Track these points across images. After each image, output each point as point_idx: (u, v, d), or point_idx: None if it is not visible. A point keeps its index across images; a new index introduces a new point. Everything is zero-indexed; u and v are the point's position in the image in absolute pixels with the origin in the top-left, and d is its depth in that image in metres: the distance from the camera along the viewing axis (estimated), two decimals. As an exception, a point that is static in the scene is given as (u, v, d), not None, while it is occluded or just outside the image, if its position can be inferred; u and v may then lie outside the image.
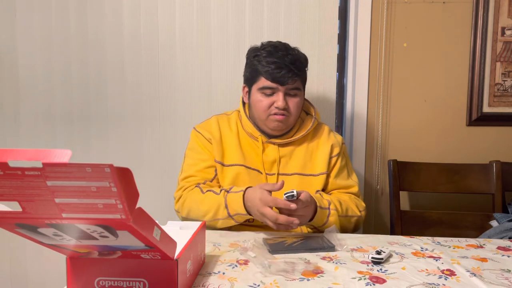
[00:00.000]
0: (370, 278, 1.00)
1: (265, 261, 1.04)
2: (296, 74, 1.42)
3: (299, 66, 1.43)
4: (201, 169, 1.47)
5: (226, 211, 1.32)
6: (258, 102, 1.44)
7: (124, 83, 1.96)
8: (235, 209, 1.30)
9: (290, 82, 1.41)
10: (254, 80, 1.45)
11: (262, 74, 1.42)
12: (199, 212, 1.37)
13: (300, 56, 1.47)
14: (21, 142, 2.01)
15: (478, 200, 1.89)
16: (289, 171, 1.47)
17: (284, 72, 1.39)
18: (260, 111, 1.44)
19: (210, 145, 1.47)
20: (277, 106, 1.41)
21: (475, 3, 1.86)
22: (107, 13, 1.93)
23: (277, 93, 1.42)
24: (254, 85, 1.46)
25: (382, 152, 1.95)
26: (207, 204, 1.35)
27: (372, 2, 1.86)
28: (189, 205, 1.40)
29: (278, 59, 1.40)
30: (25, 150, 0.62)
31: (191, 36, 1.93)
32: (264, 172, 1.46)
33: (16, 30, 1.96)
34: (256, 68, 1.44)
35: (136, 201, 0.68)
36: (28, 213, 0.68)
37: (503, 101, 1.90)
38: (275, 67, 1.39)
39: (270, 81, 1.41)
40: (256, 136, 1.49)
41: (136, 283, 0.85)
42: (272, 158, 1.47)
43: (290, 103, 1.43)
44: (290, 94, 1.43)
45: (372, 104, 1.92)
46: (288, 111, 1.43)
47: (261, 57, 1.43)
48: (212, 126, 1.51)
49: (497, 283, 0.99)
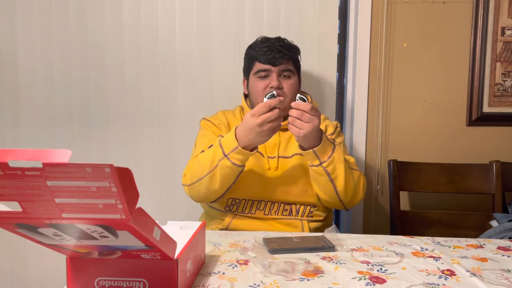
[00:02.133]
0: (370, 278, 1.00)
1: (265, 261, 1.04)
2: (287, 56, 1.51)
3: (289, 49, 1.53)
4: None
5: (221, 152, 1.35)
6: (255, 86, 1.53)
7: (124, 83, 1.97)
8: (229, 145, 1.34)
9: (283, 63, 1.50)
10: (251, 67, 1.55)
11: (256, 59, 1.52)
12: (199, 167, 1.39)
13: (292, 44, 1.57)
14: (21, 142, 2.01)
15: (478, 200, 1.89)
16: (289, 153, 1.51)
17: (274, 53, 1.49)
18: (257, 94, 1.52)
19: (219, 129, 1.55)
20: (271, 85, 1.48)
21: (475, 3, 1.86)
22: (107, 13, 1.93)
23: (271, 75, 1.50)
24: (250, 73, 1.55)
25: (382, 152, 1.95)
26: (205, 155, 1.40)
27: (372, 2, 1.86)
28: (192, 168, 1.44)
29: (269, 44, 1.52)
30: (25, 150, 0.62)
31: (191, 36, 1.93)
32: (266, 155, 1.51)
33: (16, 30, 1.96)
34: (250, 55, 1.56)
35: (136, 201, 0.68)
36: (28, 213, 0.68)
37: (503, 101, 1.90)
38: (266, 50, 1.50)
39: (263, 63, 1.50)
40: None
41: (136, 283, 0.85)
42: (273, 142, 1.50)
43: (284, 84, 1.50)
44: (283, 76, 1.51)
45: (372, 104, 1.92)
46: (283, 91, 1.49)
47: (256, 46, 1.55)
48: (220, 116, 1.61)
49: (497, 283, 0.99)
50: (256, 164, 1.48)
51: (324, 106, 1.93)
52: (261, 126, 1.29)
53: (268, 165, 1.50)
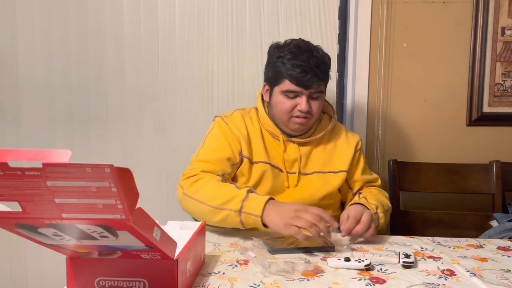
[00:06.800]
0: (370, 278, 1.00)
1: (265, 261, 1.04)
2: (321, 79, 1.40)
3: (323, 69, 1.41)
4: (219, 158, 1.41)
5: (239, 205, 1.21)
6: (280, 103, 1.42)
7: (124, 83, 1.97)
8: (251, 206, 1.21)
9: (315, 86, 1.39)
10: (277, 81, 1.42)
11: (287, 77, 1.38)
12: (209, 193, 1.28)
13: (325, 58, 1.43)
14: (21, 142, 2.01)
15: (478, 200, 1.89)
16: (309, 170, 1.47)
17: (309, 77, 1.36)
18: (282, 112, 1.42)
19: (236, 141, 1.44)
20: (301, 109, 1.39)
21: (475, 3, 1.86)
22: (107, 13, 1.93)
23: (300, 97, 1.40)
24: (276, 87, 1.43)
25: (382, 152, 1.95)
26: (222, 190, 1.28)
27: (372, 2, 1.86)
28: (202, 184, 1.32)
29: (303, 62, 1.36)
30: (25, 150, 0.62)
31: (191, 36, 1.93)
32: (285, 171, 1.45)
33: (16, 30, 1.96)
34: (279, 70, 1.40)
35: (136, 201, 0.68)
36: (28, 213, 0.68)
37: (503, 101, 1.90)
38: (300, 71, 1.36)
39: (295, 85, 1.38)
40: (277, 135, 1.47)
41: (136, 283, 0.85)
42: (293, 157, 1.46)
43: (313, 106, 1.41)
44: (313, 97, 1.42)
45: (372, 104, 1.92)
46: (311, 113, 1.42)
47: (285, 58, 1.39)
48: (238, 122, 1.47)
49: (497, 283, 0.99)
50: (275, 181, 1.42)
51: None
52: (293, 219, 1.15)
53: (287, 183, 1.45)
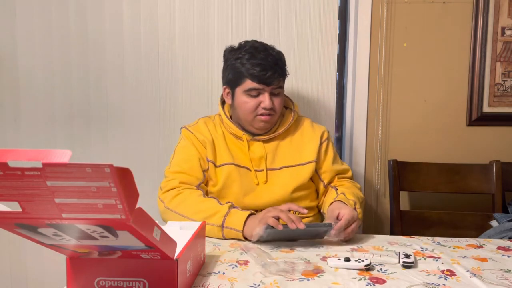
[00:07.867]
0: (370, 278, 1.00)
1: (265, 261, 1.04)
2: (280, 75, 1.47)
3: (281, 66, 1.48)
4: (191, 166, 1.46)
5: (221, 220, 1.27)
6: (244, 103, 1.47)
7: (124, 83, 1.97)
8: (232, 222, 1.26)
9: (275, 82, 1.45)
10: (239, 82, 1.47)
11: (248, 77, 1.44)
12: (192, 208, 1.33)
13: (281, 55, 1.51)
14: (21, 142, 2.01)
15: (478, 200, 1.89)
16: (277, 165, 1.50)
17: (270, 74, 1.42)
18: (247, 112, 1.47)
19: (202, 146, 1.49)
20: (264, 106, 1.45)
21: (475, 3, 1.86)
22: (107, 14, 1.93)
23: (263, 94, 1.45)
24: (238, 87, 1.47)
25: (382, 152, 1.95)
26: (205, 205, 1.33)
27: (372, 2, 1.86)
28: (183, 198, 1.37)
29: (262, 61, 1.43)
30: (25, 150, 0.62)
31: (191, 36, 1.93)
32: (252, 169, 1.48)
33: (16, 30, 1.96)
34: (239, 70, 1.45)
35: (136, 201, 0.68)
36: (28, 213, 0.68)
37: (503, 101, 1.90)
38: (260, 69, 1.42)
39: (257, 83, 1.43)
40: (240, 136, 1.51)
41: (136, 283, 0.85)
42: (259, 154, 1.49)
43: (275, 102, 1.47)
44: (274, 94, 1.47)
45: (372, 104, 1.92)
46: (274, 110, 1.47)
47: (244, 59, 1.45)
48: (202, 129, 1.52)
49: (497, 283, 0.99)
50: (243, 180, 1.46)
51: (324, 106, 1.93)
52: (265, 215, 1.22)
53: (257, 180, 1.48)
